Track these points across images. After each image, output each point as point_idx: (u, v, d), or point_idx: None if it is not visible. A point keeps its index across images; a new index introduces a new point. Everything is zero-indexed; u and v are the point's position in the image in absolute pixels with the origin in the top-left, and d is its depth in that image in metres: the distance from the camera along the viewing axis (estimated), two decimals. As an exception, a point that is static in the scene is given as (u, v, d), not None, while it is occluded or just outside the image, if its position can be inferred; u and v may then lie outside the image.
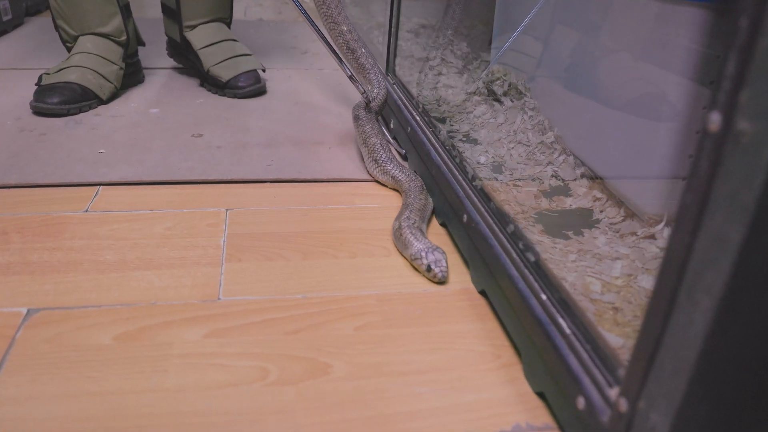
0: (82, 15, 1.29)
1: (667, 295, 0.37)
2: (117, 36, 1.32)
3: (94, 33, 1.31)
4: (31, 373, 0.56)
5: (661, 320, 0.38)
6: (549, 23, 1.12)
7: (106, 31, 1.31)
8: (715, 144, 0.33)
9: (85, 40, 1.30)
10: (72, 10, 1.29)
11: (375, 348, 0.62)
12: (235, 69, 1.37)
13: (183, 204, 0.88)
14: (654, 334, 0.38)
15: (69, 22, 1.30)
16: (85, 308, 0.66)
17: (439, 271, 0.73)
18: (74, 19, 1.30)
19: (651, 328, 0.39)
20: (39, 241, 0.77)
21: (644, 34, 0.85)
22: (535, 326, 0.56)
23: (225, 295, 0.69)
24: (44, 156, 1.01)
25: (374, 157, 1.00)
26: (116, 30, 1.32)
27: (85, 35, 1.31)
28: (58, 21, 1.31)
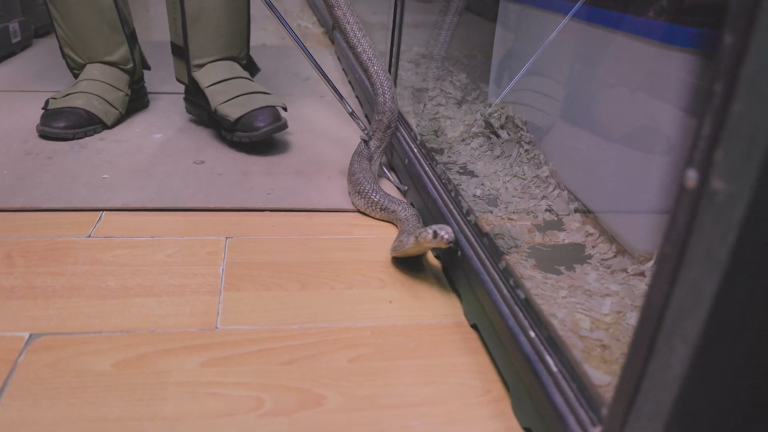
0: (88, 44, 1.32)
1: (647, 340, 0.39)
2: (124, 64, 1.35)
3: (102, 61, 1.33)
4: (32, 397, 0.58)
5: (640, 365, 0.39)
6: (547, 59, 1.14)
7: (113, 60, 1.34)
8: (692, 200, 0.35)
9: (92, 68, 1.32)
10: (79, 40, 1.31)
11: (369, 380, 0.63)
12: (246, 106, 1.21)
13: (184, 231, 0.90)
14: (634, 377, 0.40)
15: (76, 50, 1.33)
16: (86, 334, 0.67)
17: (446, 234, 0.71)
18: (81, 48, 1.32)
19: (631, 371, 0.40)
20: (43, 266, 0.79)
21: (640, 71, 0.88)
22: (524, 363, 0.58)
23: (223, 324, 0.70)
24: (49, 180, 1.03)
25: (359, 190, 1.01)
26: (123, 58, 1.34)
27: (92, 63, 1.33)
28: (65, 49, 1.33)
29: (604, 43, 0.95)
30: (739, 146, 0.33)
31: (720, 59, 0.34)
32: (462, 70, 1.69)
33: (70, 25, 1.30)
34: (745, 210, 0.33)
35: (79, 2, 1.27)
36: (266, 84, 1.73)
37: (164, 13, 2.71)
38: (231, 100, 1.22)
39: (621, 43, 0.90)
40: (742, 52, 0.33)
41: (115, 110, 1.30)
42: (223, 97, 1.23)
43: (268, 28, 2.72)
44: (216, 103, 1.23)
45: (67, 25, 1.30)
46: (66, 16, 1.29)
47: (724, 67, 0.34)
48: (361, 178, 1.02)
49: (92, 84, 1.29)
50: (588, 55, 1.01)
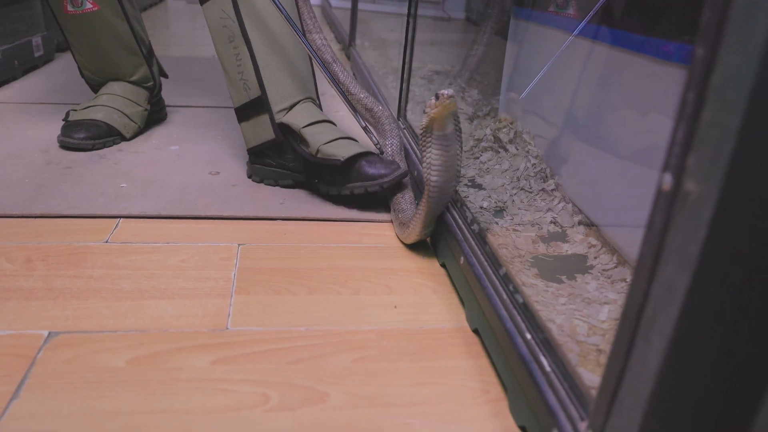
0: (107, 68, 1.35)
1: (627, 336, 0.41)
2: (144, 83, 1.39)
3: (122, 80, 1.37)
4: (50, 390, 0.61)
5: (622, 359, 0.42)
6: (557, 77, 1.17)
7: (134, 80, 1.37)
8: (667, 202, 0.38)
9: (113, 84, 1.36)
10: (98, 65, 1.34)
11: (371, 380, 0.66)
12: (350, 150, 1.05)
13: (198, 238, 0.93)
14: (616, 371, 0.42)
15: (95, 74, 1.36)
16: (102, 333, 0.70)
17: (445, 90, 0.78)
18: (101, 72, 1.36)
19: (613, 366, 0.43)
20: (61, 269, 0.82)
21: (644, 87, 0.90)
22: (520, 364, 0.60)
23: (233, 325, 0.73)
24: (68, 188, 1.07)
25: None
26: (143, 78, 1.38)
27: (113, 81, 1.37)
28: (85, 72, 1.37)
29: (611, 61, 0.97)
30: (709, 150, 0.35)
31: (692, 70, 0.36)
32: (474, 86, 1.72)
33: (87, 52, 1.33)
34: (714, 209, 0.35)
35: (94, 31, 1.29)
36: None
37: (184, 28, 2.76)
38: (333, 142, 1.07)
39: (626, 60, 0.93)
40: (711, 64, 0.35)
41: (134, 124, 1.34)
42: (324, 138, 1.08)
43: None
44: (318, 143, 1.07)
45: (84, 52, 1.33)
46: (83, 44, 1.31)
47: (695, 78, 0.36)
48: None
49: (112, 98, 1.33)
50: (595, 72, 1.03)
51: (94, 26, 1.29)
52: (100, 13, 1.28)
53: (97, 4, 1.27)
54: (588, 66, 1.05)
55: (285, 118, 1.10)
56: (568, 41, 1.09)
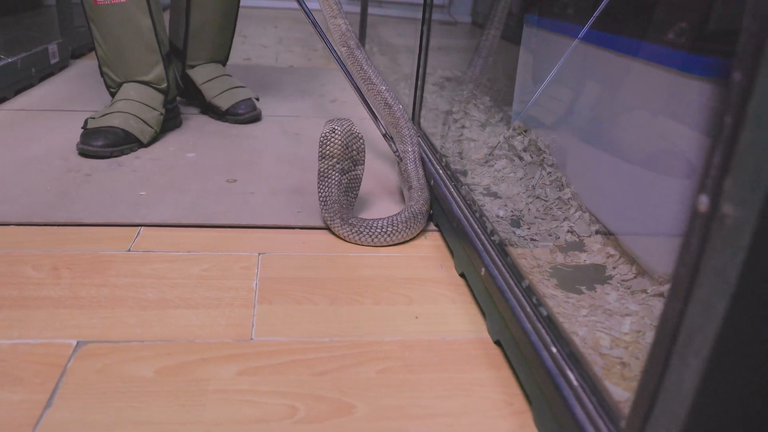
0: (126, 63, 1.38)
1: (662, 355, 0.42)
2: (158, 84, 1.41)
3: (137, 81, 1.39)
4: (82, 400, 0.62)
5: (656, 378, 0.42)
6: (571, 85, 1.17)
7: (148, 79, 1.39)
8: (704, 223, 0.38)
9: (128, 87, 1.38)
10: (117, 59, 1.37)
11: (396, 392, 0.66)
12: (232, 99, 1.58)
13: (218, 247, 0.94)
14: (650, 390, 0.43)
15: (114, 69, 1.39)
16: (129, 342, 0.71)
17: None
18: (119, 67, 1.38)
19: (647, 385, 0.43)
20: (87, 278, 0.83)
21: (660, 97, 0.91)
22: (546, 377, 0.61)
23: (257, 335, 0.74)
24: (89, 196, 1.08)
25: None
26: (157, 78, 1.40)
27: (128, 82, 1.39)
28: (104, 68, 1.40)
29: (626, 69, 0.98)
30: (747, 175, 0.36)
31: (729, 94, 0.37)
32: (486, 93, 1.73)
33: (109, 45, 1.36)
34: (752, 233, 0.36)
35: (119, 23, 1.34)
36: (294, 105, 1.78)
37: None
38: (220, 94, 1.59)
39: (641, 70, 0.93)
40: (748, 89, 0.36)
41: (151, 129, 1.36)
42: (214, 91, 1.59)
43: (294, 49, 2.78)
44: (210, 96, 1.59)
45: (106, 45, 1.36)
46: (106, 36, 1.35)
47: (733, 102, 0.37)
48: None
49: (128, 104, 1.35)
50: (609, 81, 1.04)
51: (119, 18, 1.34)
52: (127, 6, 1.33)
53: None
54: (603, 75, 1.06)
55: (190, 72, 1.63)
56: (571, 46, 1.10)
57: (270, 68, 2.29)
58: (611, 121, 1.04)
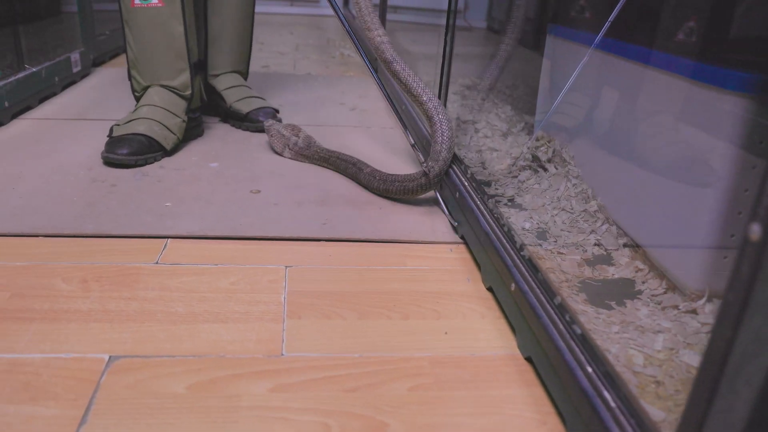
0: (154, 67, 1.40)
1: (710, 383, 0.41)
2: (182, 90, 1.42)
3: (162, 85, 1.41)
4: (116, 416, 0.62)
5: (704, 406, 0.42)
6: (596, 96, 1.17)
7: (173, 85, 1.41)
8: (756, 252, 0.38)
9: (152, 92, 1.40)
10: (146, 62, 1.40)
11: (428, 409, 0.66)
12: (253, 105, 1.61)
13: (245, 259, 0.94)
14: (697, 418, 0.42)
15: (141, 72, 1.41)
16: (160, 357, 0.71)
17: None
18: (146, 71, 1.40)
19: (694, 412, 0.43)
20: (116, 290, 0.84)
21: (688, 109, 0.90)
22: (581, 397, 0.60)
23: (287, 351, 0.74)
24: (115, 207, 1.08)
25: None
26: (182, 84, 1.42)
27: (153, 87, 1.41)
28: (132, 71, 1.42)
29: (652, 81, 0.97)
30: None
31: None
32: (506, 102, 1.72)
33: (139, 47, 1.39)
34: (807, 263, 0.35)
35: (152, 26, 1.37)
36: (314, 114, 1.79)
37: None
38: (241, 100, 1.63)
39: (668, 82, 0.93)
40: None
41: (173, 135, 1.37)
42: (235, 97, 1.63)
43: (311, 56, 2.79)
44: (231, 101, 1.63)
45: (137, 47, 1.39)
46: (137, 38, 1.38)
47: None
48: None
49: (152, 110, 1.37)
50: (635, 92, 1.03)
51: (152, 21, 1.37)
52: (162, 10, 1.36)
53: (162, 1, 1.36)
54: (628, 86, 1.05)
55: (213, 81, 1.66)
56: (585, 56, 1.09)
57: (288, 76, 2.30)
58: (637, 132, 1.03)
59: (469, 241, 1.02)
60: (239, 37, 1.66)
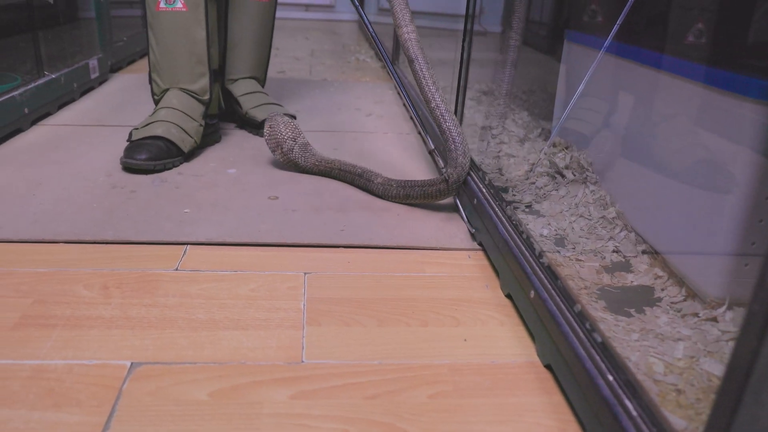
0: (174, 70, 1.41)
1: (735, 393, 0.41)
2: (201, 95, 1.44)
3: (181, 88, 1.42)
4: (138, 423, 0.62)
5: (728, 416, 0.42)
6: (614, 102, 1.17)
7: (192, 89, 1.43)
8: (781, 263, 0.38)
9: (171, 95, 1.41)
10: (166, 65, 1.41)
11: (449, 416, 0.66)
12: (268, 112, 1.60)
13: (264, 266, 0.95)
14: (721, 427, 0.42)
15: (161, 75, 1.43)
16: (182, 364, 0.72)
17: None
18: (166, 73, 1.42)
19: (718, 422, 0.43)
20: (137, 297, 0.84)
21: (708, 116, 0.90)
22: (603, 406, 0.60)
23: (308, 358, 0.74)
24: (134, 213, 1.09)
25: None
26: (201, 89, 1.43)
27: (172, 90, 1.42)
28: (153, 74, 1.44)
29: (669, 87, 0.97)
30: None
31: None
32: (523, 107, 1.72)
33: (161, 50, 1.41)
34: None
35: (175, 30, 1.39)
36: (330, 119, 1.79)
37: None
38: (257, 107, 1.63)
39: (688, 89, 0.93)
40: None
41: (191, 139, 1.39)
42: (252, 104, 1.63)
43: (327, 62, 2.80)
44: (247, 107, 1.63)
45: (159, 50, 1.41)
46: (160, 41, 1.40)
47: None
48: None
49: (170, 112, 1.38)
50: (652, 98, 1.03)
51: (176, 25, 1.39)
52: (186, 15, 1.38)
53: (186, 6, 1.38)
54: (646, 92, 1.05)
55: (230, 86, 1.67)
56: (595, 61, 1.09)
57: (304, 81, 2.31)
58: (655, 138, 1.03)
59: (488, 248, 1.02)
60: (258, 43, 1.67)
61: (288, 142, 1.35)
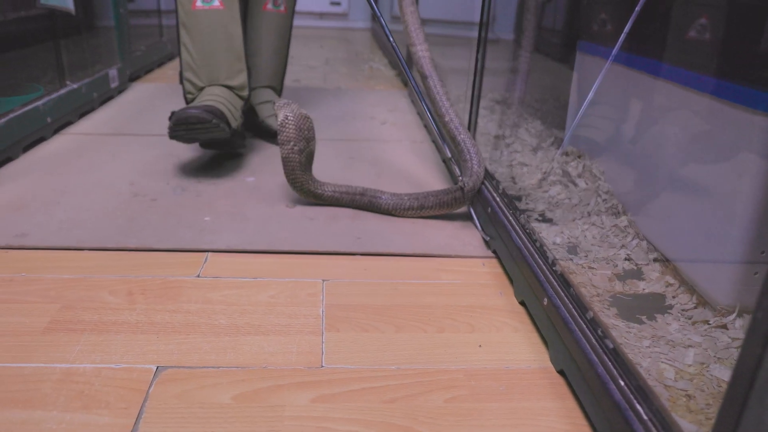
0: (214, 67, 1.42)
1: (740, 396, 0.43)
2: (240, 90, 1.46)
3: (222, 85, 1.43)
4: (165, 425, 0.65)
5: (734, 418, 0.43)
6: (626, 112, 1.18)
7: (233, 84, 1.44)
8: (784, 273, 0.40)
9: (212, 89, 1.42)
10: (204, 63, 1.42)
11: (464, 420, 0.68)
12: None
13: (283, 273, 0.97)
14: (727, 430, 0.44)
15: (198, 74, 1.42)
16: (205, 368, 0.74)
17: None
18: (204, 72, 1.42)
19: (724, 424, 0.44)
20: (160, 303, 0.87)
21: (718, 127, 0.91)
22: (614, 410, 0.62)
23: (327, 362, 0.76)
24: (156, 221, 1.12)
25: None
26: (241, 85, 1.46)
27: (212, 86, 1.42)
28: (186, 73, 1.43)
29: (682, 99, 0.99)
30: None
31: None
32: (535, 116, 1.74)
33: (198, 49, 1.41)
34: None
35: (213, 28, 1.40)
36: (345, 128, 1.82)
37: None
38: (273, 115, 1.64)
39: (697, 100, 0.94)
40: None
41: (236, 120, 1.39)
42: (268, 112, 1.65)
43: (341, 70, 2.83)
44: (263, 116, 1.66)
45: (195, 49, 1.41)
46: (197, 40, 1.41)
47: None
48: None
49: (215, 96, 1.38)
50: (662, 108, 1.05)
51: (214, 23, 1.40)
52: (223, 13, 1.40)
53: (223, 5, 1.39)
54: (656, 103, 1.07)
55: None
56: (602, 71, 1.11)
57: (319, 90, 2.34)
58: (666, 148, 1.05)
59: (501, 256, 1.04)
60: (275, 53, 1.70)
61: (300, 143, 1.18)
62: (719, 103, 0.89)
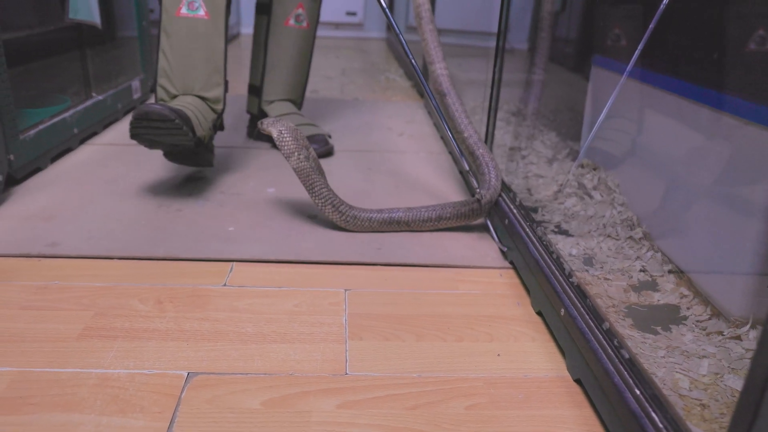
0: (188, 77, 1.37)
1: (752, 405, 0.45)
2: (214, 103, 1.41)
3: (195, 95, 1.39)
4: (198, 429, 0.68)
5: (746, 426, 0.46)
6: (641, 126, 1.21)
7: (207, 96, 1.39)
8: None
9: (185, 97, 1.37)
10: (181, 71, 1.37)
11: (485, 427, 0.71)
12: (305, 133, 1.65)
13: (306, 283, 1.00)
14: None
15: (173, 81, 1.37)
16: (234, 375, 0.77)
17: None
18: (180, 80, 1.37)
19: (738, 429, 0.47)
20: (189, 311, 0.90)
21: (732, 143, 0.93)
22: (630, 418, 0.64)
23: (351, 370, 0.79)
24: (183, 231, 1.16)
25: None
26: (216, 98, 1.41)
27: (186, 95, 1.38)
28: (161, 80, 1.38)
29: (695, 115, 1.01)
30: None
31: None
32: (551, 128, 1.76)
33: (176, 56, 1.36)
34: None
35: (194, 37, 1.37)
36: (363, 139, 1.85)
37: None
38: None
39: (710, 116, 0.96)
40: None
41: (204, 130, 1.33)
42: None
43: (358, 81, 2.86)
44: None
45: (173, 56, 1.37)
46: (176, 48, 1.36)
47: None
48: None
49: (185, 104, 1.33)
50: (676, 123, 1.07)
51: (196, 33, 1.37)
52: (208, 23, 1.37)
53: (209, 15, 1.37)
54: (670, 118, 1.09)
55: (267, 107, 1.76)
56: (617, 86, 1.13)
57: (336, 101, 2.37)
58: (679, 162, 1.07)
59: (518, 267, 1.06)
60: (296, 67, 1.75)
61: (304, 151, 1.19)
62: (732, 119, 0.91)
